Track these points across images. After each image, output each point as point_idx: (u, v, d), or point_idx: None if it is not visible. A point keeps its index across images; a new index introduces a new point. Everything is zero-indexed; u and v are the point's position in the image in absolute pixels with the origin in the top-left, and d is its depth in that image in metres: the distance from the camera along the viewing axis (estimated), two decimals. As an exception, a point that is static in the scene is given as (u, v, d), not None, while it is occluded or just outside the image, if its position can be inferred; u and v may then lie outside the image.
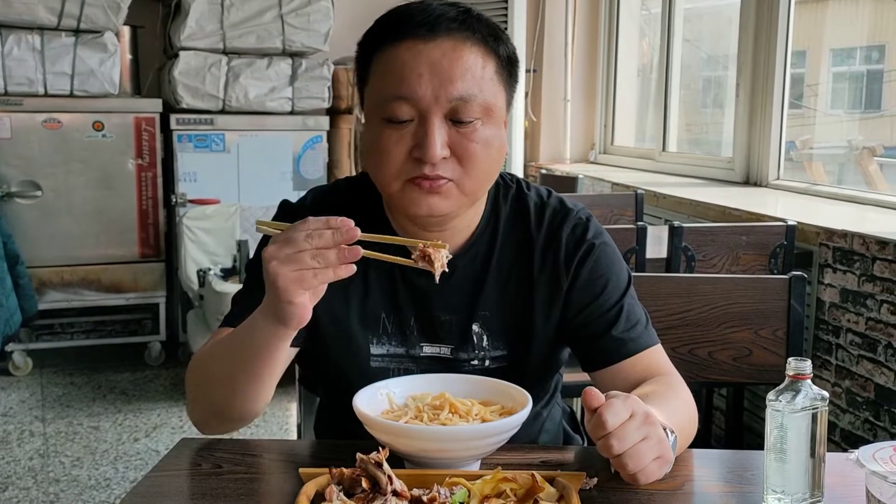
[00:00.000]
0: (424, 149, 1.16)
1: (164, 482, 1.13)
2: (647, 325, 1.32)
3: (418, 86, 1.15)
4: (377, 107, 1.19)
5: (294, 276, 1.03)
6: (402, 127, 1.17)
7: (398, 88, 1.16)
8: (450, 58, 1.16)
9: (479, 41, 1.18)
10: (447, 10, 1.18)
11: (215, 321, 3.82)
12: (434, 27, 1.16)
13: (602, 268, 1.31)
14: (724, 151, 4.22)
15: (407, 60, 1.16)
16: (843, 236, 2.65)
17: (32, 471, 3.26)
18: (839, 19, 4.25)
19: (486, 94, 1.18)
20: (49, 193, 4.26)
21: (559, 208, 1.33)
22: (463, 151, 1.18)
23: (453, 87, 1.16)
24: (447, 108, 1.16)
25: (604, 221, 3.40)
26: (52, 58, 4.15)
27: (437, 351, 1.30)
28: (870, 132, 3.80)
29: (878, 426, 2.54)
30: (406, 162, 1.18)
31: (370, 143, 1.21)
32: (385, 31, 1.20)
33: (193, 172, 4.45)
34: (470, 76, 1.17)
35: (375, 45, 1.21)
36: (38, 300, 4.21)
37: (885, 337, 2.49)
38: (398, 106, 1.16)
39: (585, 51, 5.32)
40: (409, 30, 1.17)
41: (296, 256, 1.03)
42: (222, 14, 4.36)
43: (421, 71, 1.15)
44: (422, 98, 1.15)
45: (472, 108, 1.17)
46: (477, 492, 0.99)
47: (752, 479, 1.13)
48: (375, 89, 1.20)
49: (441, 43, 1.16)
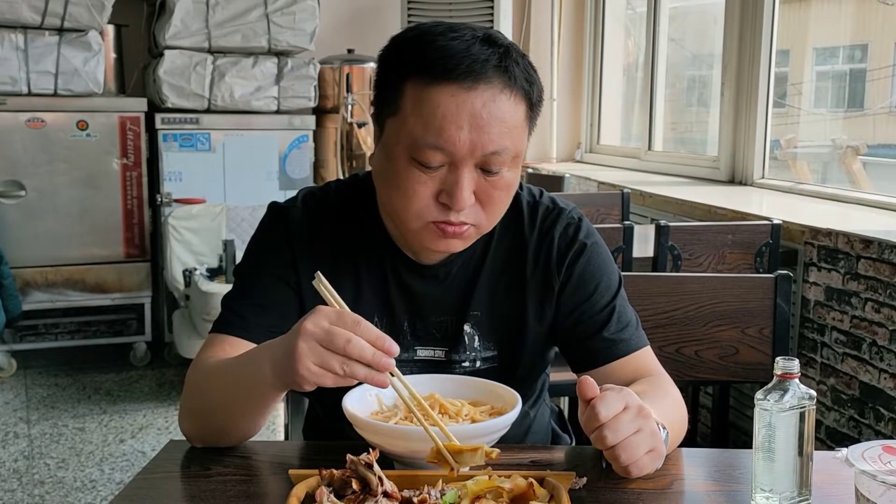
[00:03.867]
0: (454, 198, 1.15)
1: (153, 484, 1.13)
2: (637, 327, 1.32)
3: (457, 138, 1.13)
4: (408, 146, 1.15)
5: (317, 371, 1.01)
6: (432, 171, 1.16)
7: (436, 138, 1.13)
8: (489, 109, 1.13)
9: (517, 88, 1.16)
10: (490, 56, 1.14)
11: (201, 321, 3.81)
12: (479, 76, 1.13)
13: (594, 268, 1.31)
14: (710, 150, 4.24)
15: (448, 109, 1.12)
16: (827, 235, 2.67)
17: (17, 472, 3.24)
18: (822, 18, 4.27)
19: (516, 143, 1.17)
20: (33, 193, 4.23)
21: (551, 208, 1.34)
22: (488, 198, 1.18)
23: (489, 140, 1.14)
24: (479, 159, 1.15)
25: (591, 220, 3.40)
26: (36, 57, 4.13)
27: (430, 354, 1.30)
28: (853, 131, 3.82)
29: (863, 424, 2.56)
30: (431, 204, 1.17)
31: (393, 177, 1.18)
32: (422, 64, 1.14)
33: (179, 172, 4.43)
34: (505, 128, 1.15)
35: (407, 73, 1.15)
36: (23, 301, 4.18)
37: (870, 335, 2.51)
38: (432, 153, 1.14)
39: (571, 50, 5.33)
40: (453, 75, 1.12)
41: (327, 357, 1.00)
42: (207, 13, 4.34)
43: (461, 122, 1.12)
44: (459, 150, 1.13)
45: (502, 159, 1.16)
46: (468, 492, 0.99)
47: (739, 477, 1.14)
48: (408, 127, 1.15)
49: (482, 92, 1.13)
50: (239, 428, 1.20)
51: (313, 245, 1.29)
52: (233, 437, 1.21)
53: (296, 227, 1.30)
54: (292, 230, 1.30)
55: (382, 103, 1.20)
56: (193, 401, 1.23)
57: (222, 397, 1.18)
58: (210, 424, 1.21)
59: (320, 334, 1.00)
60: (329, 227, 1.31)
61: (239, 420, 1.18)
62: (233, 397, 1.16)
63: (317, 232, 1.30)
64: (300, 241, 1.29)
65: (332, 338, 1.00)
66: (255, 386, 1.11)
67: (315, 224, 1.31)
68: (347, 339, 0.99)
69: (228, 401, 1.17)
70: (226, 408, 1.18)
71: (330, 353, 1.00)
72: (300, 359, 1.00)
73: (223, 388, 1.18)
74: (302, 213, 1.31)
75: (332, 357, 1.00)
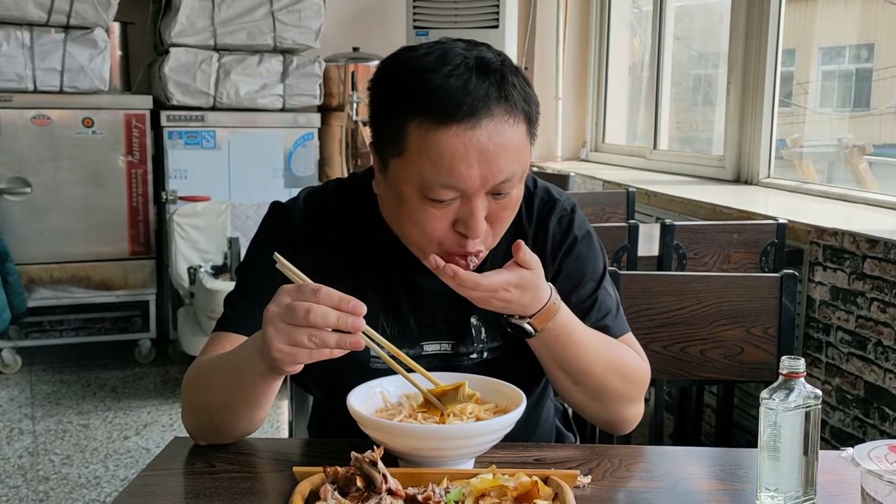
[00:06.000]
0: (470, 228, 1.16)
1: (157, 481, 1.13)
2: (616, 314, 1.35)
3: (469, 175, 1.13)
4: (419, 186, 1.15)
5: (287, 349, 1.02)
6: (445, 205, 1.16)
7: (447, 178, 1.13)
8: (495, 141, 1.13)
9: (518, 112, 1.16)
10: (489, 90, 1.13)
11: (206, 318, 3.81)
12: (481, 114, 1.13)
13: (582, 260, 1.34)
14: (715, 149, 4.23)
15: (457, 150, 1.12)
16: (833, 234, 2.66)
17: (22, 469, 3.25)
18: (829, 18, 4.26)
19: (522, 163, 1.18)
20: (38, 190, 4.23)
21: (546, 199, 1.36)
22: (497, 220, 1.20)
23: (499, 171, 1.14)
24: (490, 188, 1.16)
25: (595, 219, 3.41)
26: (42, 54, 4.13)
27: (437, 348, 1.31)
28: (859, 130, 3.81)
29: (868, 423, 2.55)
30: (449, 234, 1.18)
31: (406, 214, 1.18)
32: (423, 106, 1.13)
33: (184, 169, 4.43)
34: (512, 153, 1.15)
35: (409, 114, 1.14)
36: (28, 297, 4.19)
37: (875, 335, 2.51)
38: (444, 192, 1.15)
39: (577, 49, 5.32)
40: (455, 116, 1.12)
41: (293, 332, 1.01)
42: (213, 10, 4.34)
43: (470, 160, 1.13)
44: (471, 186, 1.14)
45: (512, 184, 1.17)
46: (473, 490, 0.99)
47: (744, 476, 1.14)
48: (416, 168, 1.14)
49: (486, 126, 1.13)
50: (239, 420, 1.20)
51: (315, 244, 1.30)
52: (234, 432, 1.22)
53: (297, 225, 1.31)
54: (294, 229, 1.31)
55: (384, 141, 1.19)
56: (193, 397, 1.24)
57: (220, 390, 1.19)
58: (211, 419, 1.22)
59: (282, 312, 1.02)
60: (331, 226, 1.31)
61: (238, 413, 1.19)
62: (230, 389, 1.17)
63: (318, 231, 1.31)
64: (301, 240, 1.29)
65: (293, 312, 1.01)
66: (249, 375, 1.13)
67: (316, 223, 1.31)
68: (307, 310, 1.00)
69: (226, 393, 1.18)
70: (224, 401, 1.19)
71: (296, 328, 1.01)
72: (270, 342, 1.02)
73: (220, 381, 1.19)
74: (303, 213, 1.32)
75: (299, 331, 1.01)
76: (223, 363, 1.20)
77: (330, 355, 1.03)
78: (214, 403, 1.20)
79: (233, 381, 1.16)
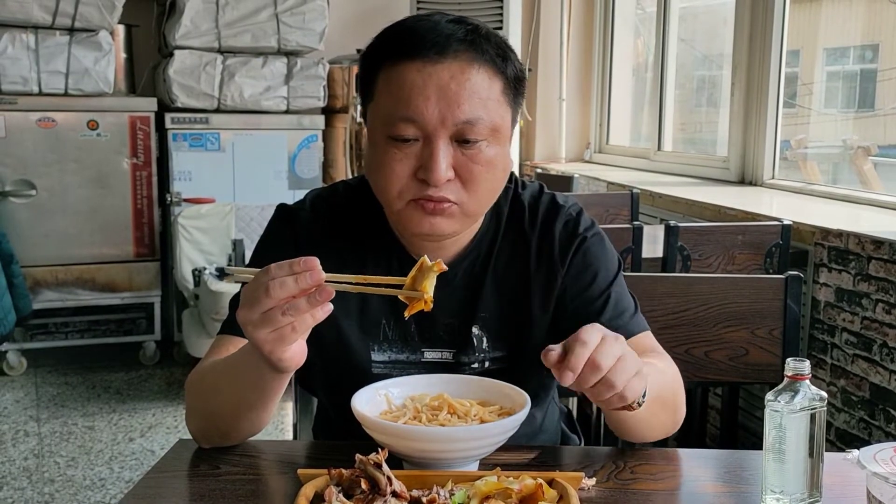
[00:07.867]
0: (429, 171, 1.16)
1: (162, 483, 1.13)
2: (634, 314, 1.32)
3: (425, 108, 1.15)
4: (382, 125, 1.18)
5: (273, 336, 1.01)
6: (407, 146, 1.17)
7: (405, 110, 1.15)
8: (458, 80, 1.15)
9: (488, 62, 1.17)
10: (456, 30, 1.17)
11: (210, 320, 3.82)
12: (443, 49, 1.15)
13: (591, 257, 1.32)
14: (720, 150, 4.22)
15: (415, 82, 1.15)
16: (838, 236, 2.66)
17: (27, 471, 3.25)
18: (833, 19, 4.25)
19: (492, 115, 1.18)
20: (43, 192, 4.24)
21: (551, 206, 1.34)
22: (468, 174, 1.18)
23: (460, 110, 1.15)
24: (453, 131, 1.16)
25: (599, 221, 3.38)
26: (47, 56, 4.14)
27: (438, 356, 1.30)
28: (863, 131, 3.81)
29: (874, 425, 2.54)
30: (410, 182, 1.18)
31: (374, 160, 1.20)
32: (392, 47, 1.18)
33: (188, 171, 4.44)
34: (477, 98, 1.16)
35: (381, 60, 1.19)
36: (33, 300, 4.20)
37: (881, 336, 2.50)
38: (404, 126, 1.16)
39: (580, 50, 5.32)
40: (418, 50, 1.15)
41: (267, 316, 1.00)
42: (217, 13, 4.35)
43: (428, 94, 1.15)
44: (429, 121, 1.15)
45: (478, 129, 1.17)
46: (477, 492, 0.99)
47: (749, 478, 1.14)
48: (381, 107, 1.18)
49: (449, 65, 1.15)
50: (243, 423, 1.20)
51: (320, 247, 1.29)
52: (238, 434, 1.22)
53: (303, 229, 1.31)
54: (299, 232, 1.31)
55: (363, 97, 1.24)
56: (196, 401, 1.24)
57: (224, 394, 1.18)
58: (214, 423, 1.22)
59: (249, 305, 1.01)
60: (336, 230, 1.31)
61: (242, 415, 1.19)
62: (234, 392, 1.16)
63: (324, 234, 1.30)
64: (307, 244, 1.29)
65: (256, 297, 1.00)
66: (251, 377, 1.12)
67: (322, 227, 1.31)
68: (266, 288, 1.00)
69: (230, 396, 1.17)
70: (228, 404, 1.18)
71: (266, 313, 1.00)
72: (254, 337, 1.02)
73: (224, 385, 1.19)
74: (310, 216, 1.32)
75: (271, 313, 1.00)
76: (226, 367, 1.20)
77: (313, 320, 1.02)
78: (218, 407, 1.20)
79: (236, 383, 1.16)
